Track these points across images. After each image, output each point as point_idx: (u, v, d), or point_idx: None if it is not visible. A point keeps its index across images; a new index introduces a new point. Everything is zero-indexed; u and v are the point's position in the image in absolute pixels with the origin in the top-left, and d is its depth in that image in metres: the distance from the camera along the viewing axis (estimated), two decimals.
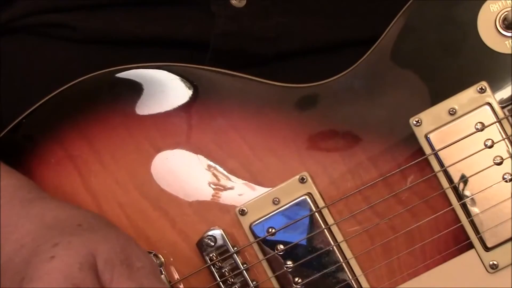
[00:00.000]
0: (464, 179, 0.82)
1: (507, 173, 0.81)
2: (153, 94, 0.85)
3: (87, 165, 0.85)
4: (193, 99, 0.85)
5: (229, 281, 0.84)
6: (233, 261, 0.84)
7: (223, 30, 0.86)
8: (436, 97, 0.83)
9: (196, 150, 0.84)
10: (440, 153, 0.82)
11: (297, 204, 0.83)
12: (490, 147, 0.82)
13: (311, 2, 0.88)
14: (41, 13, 0.89)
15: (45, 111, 0.86)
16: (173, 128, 0.84)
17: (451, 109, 0.82)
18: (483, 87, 0.82)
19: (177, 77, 0.85)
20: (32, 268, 0.73)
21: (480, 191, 0.82)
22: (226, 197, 0.84)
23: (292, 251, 0.83)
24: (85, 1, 0.88)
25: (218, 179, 0.84)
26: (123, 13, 0.88)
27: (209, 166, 0.84)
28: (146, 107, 0.85)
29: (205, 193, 0.84)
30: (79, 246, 0.73)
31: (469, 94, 0.82)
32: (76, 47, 0.89)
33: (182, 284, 0.84)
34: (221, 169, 0.84)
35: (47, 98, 0.85)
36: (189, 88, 0.85)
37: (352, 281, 0.83)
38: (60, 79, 0.86)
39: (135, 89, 0.85)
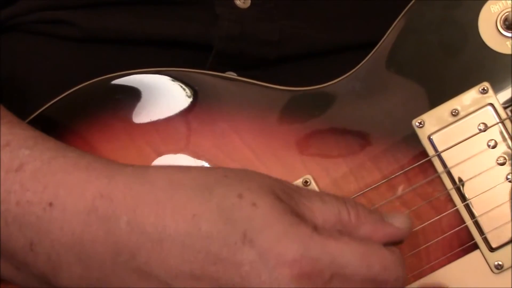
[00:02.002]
0: (467, 180, 0.82)
1: (511, 173, 0.81)
2: (154, 99, 0.84)
3: None
4: (194, 103, 0.84)
5: None
6: None
7: (227, 33, 0.85)
8: (438, 99, 0.83)
9: (198, 154, 0.84)
10: (443, 154, 0.82)
11: None
12: (493, 147, 0.82)
13: (314, 5, 0.88)
14: (42, 10, 0.88)
15: (44, 119, 0.85)
16: (174, 133, 0.84)
17: (454, 110, 0.82)
18: (485, 88, 0.82)
19: (178, 82, 0.84)
20: (243, 223, 0.67)
21: (484, 192, 0.82)
22: None
23: None
24: (87, 0, 0.87)
25: None
26: (125, 12, 0.87)
27: None
28: (147, 112, 0.84)
29: None
30: (258, 187, 0.68)
31: (471, 95, 0.82)
32: (77, 46, 0.88)
33: None
34: None
35: (46, 106, 0.84)
36: (190, 93, 0.84)
37: None
38: (61, 78, 0.85)
39: (136, 95, 0.84)
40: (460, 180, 0.82)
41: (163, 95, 0.84)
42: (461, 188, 0.82)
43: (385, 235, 0.72)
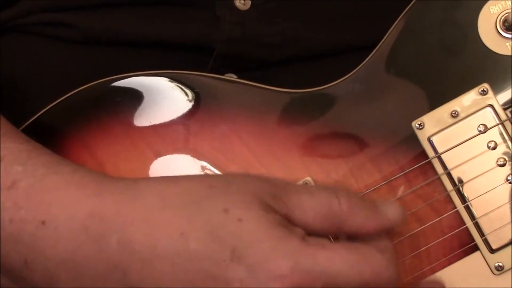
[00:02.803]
0: (467, 181, 0.82)
1: (511, 174, 0.81)
2: (154, 101, 0.84)
3: None
4: (194, 106, 0.84)
5: None
6: None
7: (228, 36, 0.86)
8: (438, 100, 0.83)
9: (199, 156, 0.84)
10: (443, 156, 0.82)
11: None
12: (493, 148, 0.82)
13: (314, 6, 0.87)
14: (43, 12, 0.88)
15: (44, 121, 0.85)
16: (175, 135, 0.84)
17: (454, 112, 0.82)
18: (485, 89, 0.82)
19: (178, 84, 0.84)
20: (231, 239, 0.67)
21: (484, 193, 0.82)
22: None
23: None
24: (87, 1, 0.87)
25: None
26: (125, 13, 0.87)
27: (212, 173, 0.84)
28: (147, 115, 0.84)
29: None
30: (242, 199, 0.68)
31: (471, 97, 0.82)
32: (77, 47, 0.88)
33: None
34: None
35: (46, 108, 0.84)
36: (190, 95, 0.84)
37: None
38: (61, 80, 0.86)
39: (136, 97, 0.84)
40: (460, 181, 0.82)
41: (163, 97, 0.84)
42: (461, 190, 0.82)
43: (378, 225, 0.72)
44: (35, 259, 0.71)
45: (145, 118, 0.84)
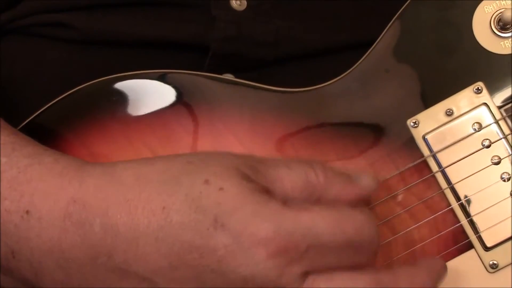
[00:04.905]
0: (462, 179, 0.82)
1: (505, 172, 0.82)
2: (151, 100, 0.85)
3: None
4: (191, 105, 0.85)
5: None
6: None
7: (223, 35, 0.86)
8: (433, 98, 0.83)
9: None
10: (438, 154, 0.82)
11: None
12: (488, 147, 0.82)
13: (310, 6, 0.88)
14: (41, 13, 0.89)
15: (41, 122, 0.85)
16: (172, 134, 0.84)
17: (448, 110, 0.83)
18: (480, 88, 0.83)
19: (175, 84, 0.85)
20: (213, 208, 0.67)
21: (478, 191, 0.82)
22: None
23: None
24: (85, 2, 0.88)
25: None
26: (124, 14, 0.88)
27: None
28: (144, 114, 0.85)
29: None
30: (222, 171, 0.69)
31: (465, 95, 0.83)
32: (76, 48, 0.89)
33: None
34: None
35: (43, 108, 0.85)
36: (187, 95, 0.85)
37: None
38: (60, 80, 0.86)
39: (134, 97, 0.85)
40: (455, 179, 0.82)
41: (160, 96, 0.85)
42: (456, 188, 0.82)
43: (355, 194, 0.72)
44: (21, 249, 0.72)
45: (142, 117, 0.85)
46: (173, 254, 0.68)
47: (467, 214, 0.82)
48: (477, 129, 0.82)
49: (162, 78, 0.85)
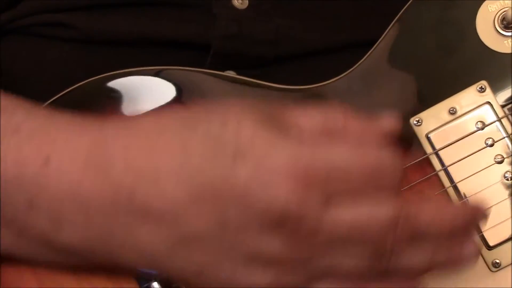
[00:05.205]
0: (465, 178, 0.82)
1: (508, 171, 0.82)
2: (151, 98, 0.84)
3: None
4: (192, 102, 0.84)
5: None
6: None
7: (224, 33, 0.86)
8: (436, 97, 0.83)
9: None
10: (441, 153, 0.82)
11: None
12: (491, 145, 0.82)
13: (311, 5, 0.88)
14: (42, 13, 0.88)
15: None
16: None
17: (452, 109, 0.83)
18: (483, 86, 0.83)
19: (176, 81, 0.84)
20: (231, 145, 0.67)
21: (481, 190, 0.82)
22: None
23: None
24: (85, 2, 0.88)
25: None
26: (124, 14, 0.87)
27: None
28: (144, 111, 0.84)
29: None
30: (240, 115, 0.69)
31: (469, 94, 0.83)
32: (77, 47, 0.88)
33: None
34: None
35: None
36: (188, 92, 0.85)
37: None
38: (61, 80, 0.85)
39: (133, 94, 0.84)
40: (458, 178, 0.82)
41: (160, 93, 0.84)
42: (459, 186, 0.82)
43: (375, 133, 0.71)
44: (41, 196, 0.71)
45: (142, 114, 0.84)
46: (194, 187, 0.67)
47: None
48: (480, 128, 0.82)
49: (163, 75, 0.84)
